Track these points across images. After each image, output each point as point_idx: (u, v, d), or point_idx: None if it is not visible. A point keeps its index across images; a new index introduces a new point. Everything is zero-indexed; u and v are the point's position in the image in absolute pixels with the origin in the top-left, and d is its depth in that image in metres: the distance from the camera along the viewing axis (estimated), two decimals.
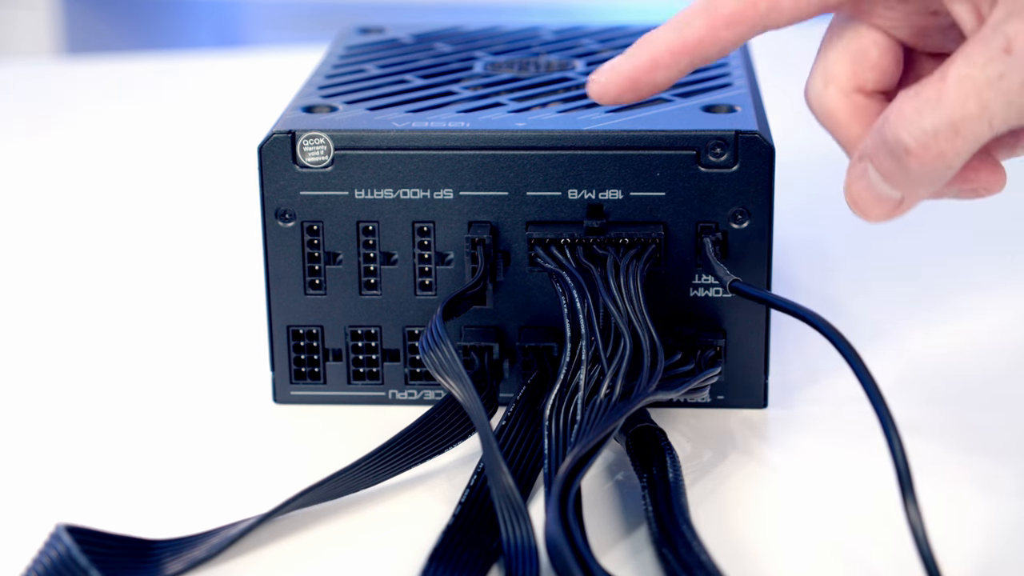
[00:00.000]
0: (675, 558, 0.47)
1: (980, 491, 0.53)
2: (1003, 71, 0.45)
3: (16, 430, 0.59)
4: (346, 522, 0.51)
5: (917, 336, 0.66)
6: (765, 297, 0.53)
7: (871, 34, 0.51)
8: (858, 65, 0.51)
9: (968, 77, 0.46)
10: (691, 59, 0.51)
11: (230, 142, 0.97)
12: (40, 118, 1.05)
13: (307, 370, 0.59)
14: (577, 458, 0.48)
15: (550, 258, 0.56)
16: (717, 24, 0.50)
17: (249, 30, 2.26)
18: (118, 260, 0.78)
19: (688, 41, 0.50)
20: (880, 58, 0.51)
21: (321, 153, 0.57)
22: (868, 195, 0.49)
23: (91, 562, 0.46)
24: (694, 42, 0.50)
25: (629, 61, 0.51)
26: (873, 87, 0.51)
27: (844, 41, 0.51)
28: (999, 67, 0.45)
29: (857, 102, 0.51)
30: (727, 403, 0.59)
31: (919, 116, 0.46)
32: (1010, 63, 0.45)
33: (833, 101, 0.51)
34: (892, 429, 0.46)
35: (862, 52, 0.51)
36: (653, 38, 0.51)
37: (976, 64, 0.46)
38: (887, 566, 0.48)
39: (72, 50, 1.97)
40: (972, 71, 0.46)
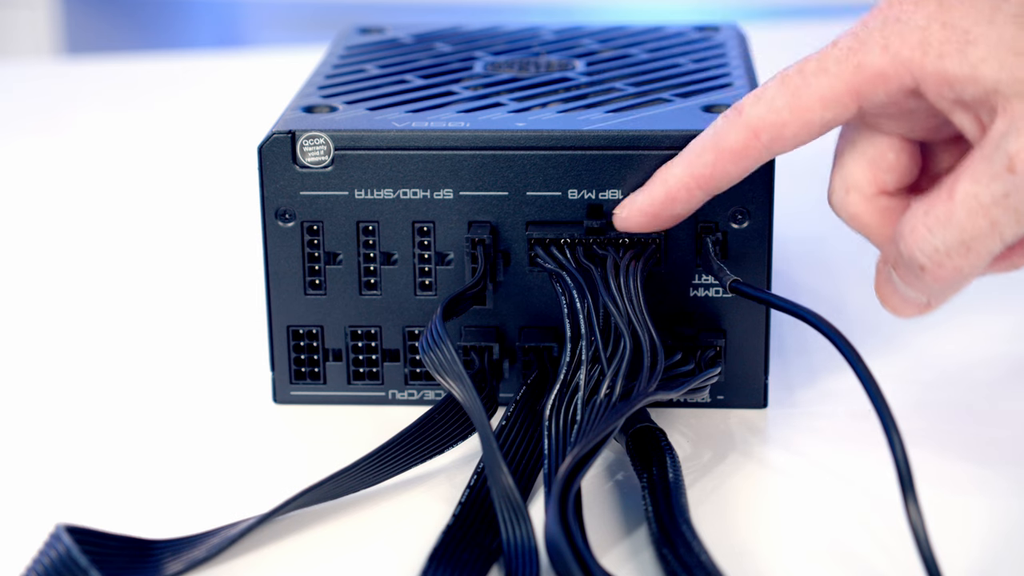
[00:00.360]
0: (675, 558, 0.47)
1: (981, 491, 0.53)
2: (1008, 190, 0.46)
3: (16, 430, 0.59)
4: (346, 522, 0.51)
5: (917, 336, 0.66)
6: (765, 297, 0.53)
7: (885, 139, 0.51)
8: (877, 169, 0.51)
9: (974, 196, 0.46)
10: (703, 192, 0.53)
11: (230, 142, 0.97)
12: (40, 118, 1.05)
13: (307, 370, 0.59)
14: (577, 458, 0.48)
15: (550, 258, 0.56)
16: (724, 159, 0.52)
17: (249, 30, 2.26)
18: (118, 260, 0.78)
19: (699, 177, 0.52)
20: (897, 160, 0.51)
21: (321, 153, 0.57)
22: (895, 297, 0.50)
23: (91, 562, 0.46)
24: (704, 178, 0.52)
25: (647, 198, 0.54)
26: (895, 187, 0.51)
27: (859, 148, 0.51)
28: (1004, 186, 0.46)
29: (881, 204, 0.51)
30: (727, 403, 0.59)
31: (931, 235, 0.47)
32: (1015, 181, 0.46)
33: (856, 207, 0.52)
34: (893, 429, 0.46)
35: (879, 156, 0.51)
36: (667, 175, 0.53)
37: (981, 182, 0.46)
38: (887, 566, 0.48)
39: (72, 50, 1.97)
40: (978, 189, 0.46)
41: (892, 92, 0.48)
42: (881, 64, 0.48)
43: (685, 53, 0.67)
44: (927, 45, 0.47)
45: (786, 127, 0.50)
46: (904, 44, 0.48)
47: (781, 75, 0.50)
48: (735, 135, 0.51)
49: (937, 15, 0.47)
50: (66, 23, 1.97)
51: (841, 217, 0.52)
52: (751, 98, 0.51)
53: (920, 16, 0.48)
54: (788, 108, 0.50)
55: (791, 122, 0.50)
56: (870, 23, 0.49)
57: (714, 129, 0.52)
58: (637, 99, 0.60)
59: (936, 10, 0.47)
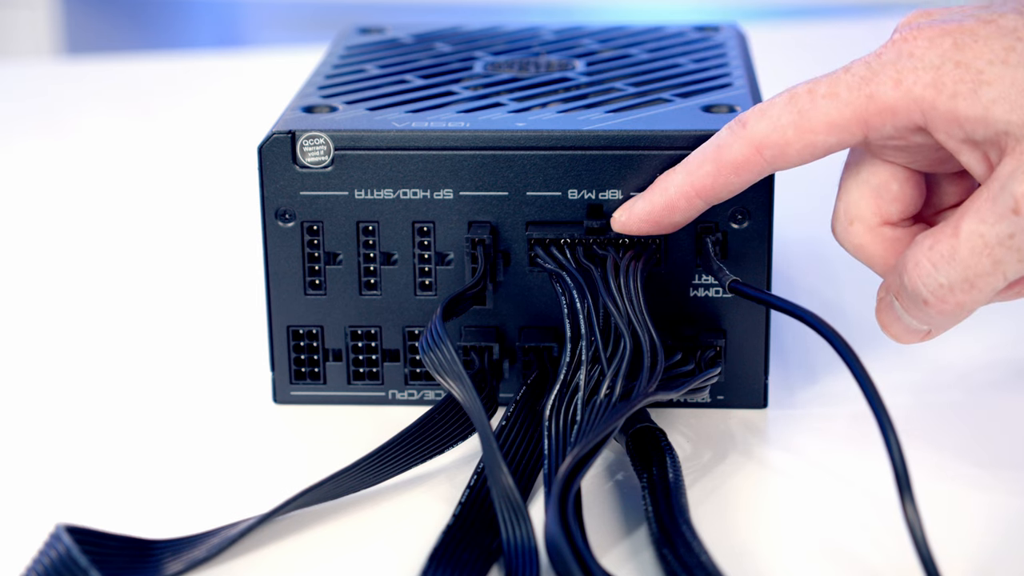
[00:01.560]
0: (675, 558, 0.47)
1: (978, 491, 0.53)
2: (1013, 231, 0.46)
3: (16, 430, 0.59)
4: (346, 522, 0.51)
5: None
6: (765, 297, 0.53)
7: (889, 168, 0.51)
8: (880, 200, 0.51)
9: (979, 235, 0.47)
10: (704, 202, 0.53)
11: (230, 142, 0.97)
12: (40, 118, 1.05)
13: (307, 370, 0.59)
14: (577, 458, 0.48)
15: (550, 258, 0.56)
16: (725, 171, 0.52)
17: (249, 30, 2.26)
18: (118, 260, 0.78)
19: (699, 187, 0.52)
20: (902, 191, 0.51)
21: (321, 153, 0.57)
22: (897, 325, 0.51)
23: (91, 562, 0.46)
24: (705, 188, 0.52)
25: (646, 205, 0.54)
26: (899, 218, 0.52)
27: (862, 177, 0.51)
28: (1009, 227, 0.46)
29: (885, 234, 0.52)
30: (727, 403, 0.59)
31: (935, 270, 0.48)
32: (1019, 223, 0.46)
33: (860, 237, 0.52)
34: (890, 429, 0.46)
35: (882, 187, 0.51)
36: (668, 183, 0.53)
37: (987, 222, 0.46)
38: (886, 566, 0.48)
39: (72, 50, 1.97)
40: (983, 228, 0.47)
41: (900, 127, 0.48)
42: (893, 98, 0.48)
43: (685, 53, 0.67)
44: (940, 84, 0.47)
45: (789, 146, 0.50)
46: (917, 81, 0.48)
47: (790, 93, 0.50)
48: (738, 149, 0.51)
49: (951, 54, 0.47)
50: (66, 23, 1.97)
51: (844, 247, 0.52)
52: (757, 112, 0.51)
53: (934, 54, 0.48)
54: (793, 127, 0.50)
55: (795, 142, 0.50)
56: (884, 55, 0.49)
57: (717, 140, 0.52)
58: (637, 99, 0.60)
59: (951, 49, 0.47)
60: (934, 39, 0.48)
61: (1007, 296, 0.51)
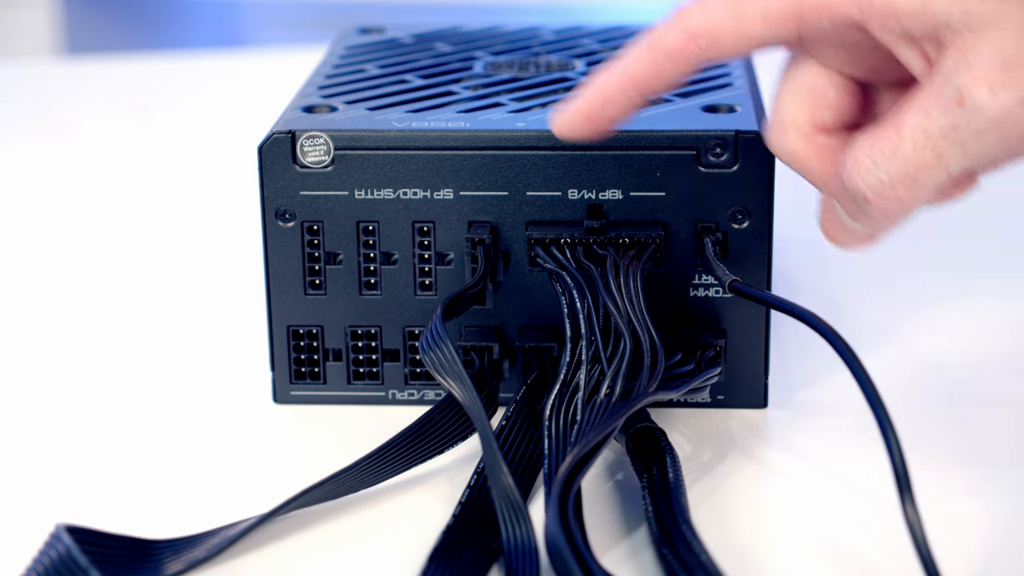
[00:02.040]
0: (675, 558, 0.47)
1: (978, 491, 0.53)
2: (957, 123, 0.46)
3: (16, 430, 0.59)
4: (346, 522, 0.51)
5: (916, 337, 0.66)
6: (764, 297, 0.53)
7: (826, 73, 0.50)
8: (815, 106, 0.51)
9: (922, 129, 0.46)
10: (639, 92, 0.51)
11: (230, 142, 0.97)
12: (40, 118, 1.05)
13: (307, 370, 0.59)
14: (577, 458, 0.48)
15: (550, 258, 0.56)
16: (660, 59, 0.50)
17: (249, 30, 2.26)
18: (118, 260, 0.78)
19: (634, 75, 0.51)
20: (836, 97, 0.51)
21: (321, 153, 0.57)
22: (839, 230, 0.50)
23: (91, 562, 0.46)
24: (639, 76, 0.51)
25: (582, 99, 0.52)
26: (833, 125, 0.51)
27: (798, 83, 0.51)
28: (953, 119, 0.46)
29: (819, 142, 0.51)
30: (727, 403, 0.59)
31: (875, 167, 0.47)
32: (963, 114, 0.45)
33: (793, 144, 0.51)
34: (890, 429, 0.46)
35: (817, 92, 0.51)
36: (601, 76, 0.52)
37: (931, 115, 0.46)
38: (886, 566, 0.48)
39: (72, 50, 1.97)
40: (927, 122, 0.46)
41: (836, 21, 0.48)
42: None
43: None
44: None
45: (724, 36, 0.49)
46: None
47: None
48: (673, 37, 0.50)
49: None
50: (66, 23, 1.97)
51: (779, 156, 0.51)
52: (693, 2, 0.50)
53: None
54: (729, 17, 0.49)
55: (730, 32, 0.49)
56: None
57: (652, 32, 0.51)
58: None
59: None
60: None
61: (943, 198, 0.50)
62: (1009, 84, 0.45)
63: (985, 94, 0.45)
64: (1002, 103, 0.45)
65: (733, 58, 0.50)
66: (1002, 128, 0.45)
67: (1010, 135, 0.45)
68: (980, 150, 0.46)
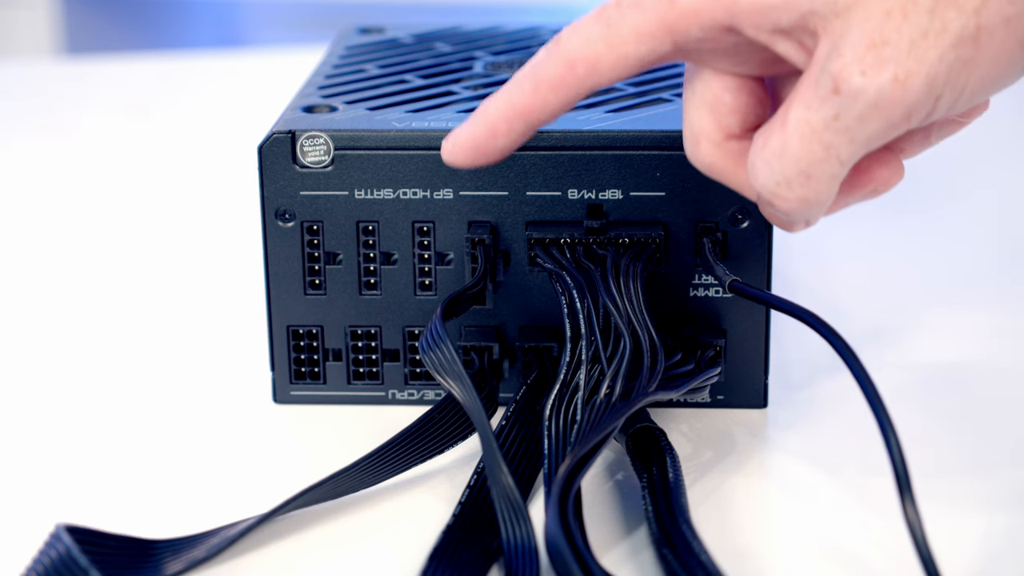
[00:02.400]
0: (675, 558, 0.47)
1: (978, 491, 0.53)
2: (837, 111, 0.45)
3: (16, 430, 0.59)
4: (346, 522, 0.51)
5: (916, 337, 0.66)
6: (764, 297, 0.53)
7: (720, 79, 0.50)
8: (718, 114, 0.50)
9: (806, 122, 0.46)
10: (526, 124, 0.51)
11: (230, 142, 0.97)
12: (40, 118, 1.06)
13: (307, 370, 0.59)
14: (577, 458, 0.48)
15: (550, 258, 0.56)
16: (542, 89, 0.50)
17: (249, 30, 2.26)
18: (118, 260, 0.78)
19: (518, 108, 0.51)
20: (736, 101, 0.50)
21: (321, 153, 0.57)
22: (774, 220, 0.50)
23: (91, 562, 0.46)
24: (524, 109, 0.50)
25: (469, 130, 0.52)
26: (741, 129, 0.50)
27: (697, 94, 0.50)
28: (833, 108, 0.45)
29: (731, 148, 0.50)
30: (727, 403, 0.59)
31: (769, 169, 0.47)
32: (841, 102, 0.45)
33: (708, 156, 0.50)
34: (890, 429, 0.46)
35: (716, 100, 0.50)
36: (489, 107, 0.51)
37: (812, 107, 0.46)
38: (886, 566, 0.48)
39: (72, 50, 1.97)
40: (808, 115, 0.46)
41: (706, 27, 0.47)
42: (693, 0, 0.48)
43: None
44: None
45: (601, 60, 0.49)
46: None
47: (600, 7, 0.49)
48: (552, 67, 0.50)
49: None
50: (66, 23, 1.97)
51: (698, 168, 0.51)
52: (569, 30, 0.50)
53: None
54: (603, 40, 0.49)
55: (606, 55, 0.49)
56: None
57: (534, 61, 0.51)
58: (637, 99, 0.60)
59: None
60: None
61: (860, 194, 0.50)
62: (879, 65, 0.44)
63: (857, 78, 0.45)
64: (876, 85, 0.44)
65: (617, 81, 0.50)
66: (882, 109, 0.45)
67: (893, 114, 0.45)
68: (867, 135, 0.46)
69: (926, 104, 0.45)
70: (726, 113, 0.50)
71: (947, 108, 0.46)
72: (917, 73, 0.44)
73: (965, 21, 0.44)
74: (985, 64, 0.45)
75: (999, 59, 0.45)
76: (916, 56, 0.44)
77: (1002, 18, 0.44)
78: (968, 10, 0.44)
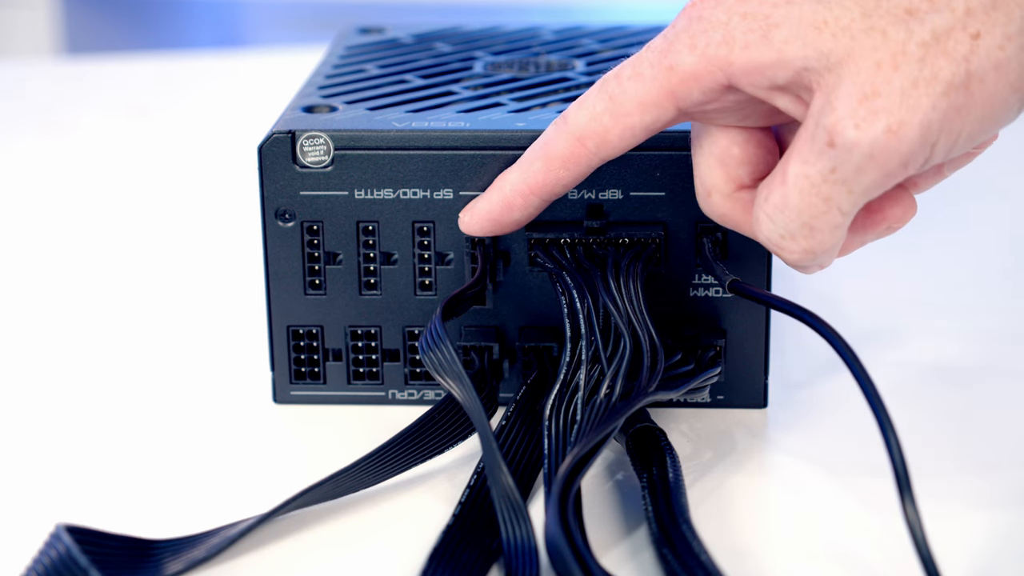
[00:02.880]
0: (675, 558, 0.47)
1: (978, 491, 0.53)
2: (834, 164, 0.46)
3: (16, 430, 0.59)
4: (346, 522, 0.51)
5: (916, 337, 0.66)
6: (764, 297, 0.53)
7: (727, 134, 0.51)
8: (727, 167, 0.51)
9: (804, 176, 0.47)
10: (540, 199, 0.53)
11: (230, 142, 0.97)
12: (40, 118, 1.06)
13: (307, 370, 0.59)
14: (577, 458, 0.48)
15: (550, 258, 0.56)
16: (554, 166, 0.52)
17: (249, 30, 2.26)
18: (118, 260, 0.78)
19: (533, 184, 0.53)
20: (745, 153, 0.51)
21: (321, 153, 0.57)
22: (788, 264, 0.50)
23: (91, 562, 0.46)
24: (538, 185, 0.53)
25: (486, 204, 0.54)
26: (752, 179, 0.51)
27: (705, 148, 0.51)
28: (829, 161, 0.46)
29: (743, 198, 0.51)
30: (727, 403, 0.59)
31: (772, 222, 0.48)
32: (837, 155, 0.46)
33: (720, 207, 0.51)
34: (889, 429, 0.46)
35: (724, 154, 0.51)
36: (504, 183, 0.54)
37: (809, 161, 0.46)
38: (886, 566, 0.48)
39: (72, 50, 1.97)
40: (806, 169, 0.46)
41: (707, 90, 0.48)
42: (691, 63, 0.48)
43: None
44: (731, 39, 0.47)
45: (609, 133, 0.50)
46: (710, 42, 0.48)
47: (601, 80, 0.51)
48: (562, 144, 0.51)
49: (736, 7, 0.47)
50: (66, 23, 1.97)
51: (712, 219, 0.52)
52: (575, 106, 0.51)
53: (720, 12, 0.48)
54: (608, 114, 0.50)
55: (613, 128, 0.50)
56: (678, 24, 0.49)
57: (544, 138, 0.52)
58: None
59: (735, 3, 0.48)
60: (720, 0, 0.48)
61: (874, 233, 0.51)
62: (872, 117, 0.45)
63: (851, 131, 0.45)
64: (870, 137, 0.45)
65: (627, 150, 0.51)
66: (877, 160, 0.45)
67: (889, 164, 0.45)
68: (864, 185, 0.46)
69: (922, 152, 0.45)
70: (735, 165, 0.51)
71: (944, 153, 0.46)
72: (910, 123, 0.45)
73: (955, 69, 0.44)
74: (978, 109, 0.45)
75: (992, 103, 0.45)
76: (908, 106, 0.45)
77: (992, 63, 0.45)
78: (957, 58, 0.45)
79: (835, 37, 0.45)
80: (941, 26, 0.45)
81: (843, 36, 0.45)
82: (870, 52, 0.45)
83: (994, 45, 0.45)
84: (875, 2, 0.46)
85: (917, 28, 0.45)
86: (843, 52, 0.45)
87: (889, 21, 0.45)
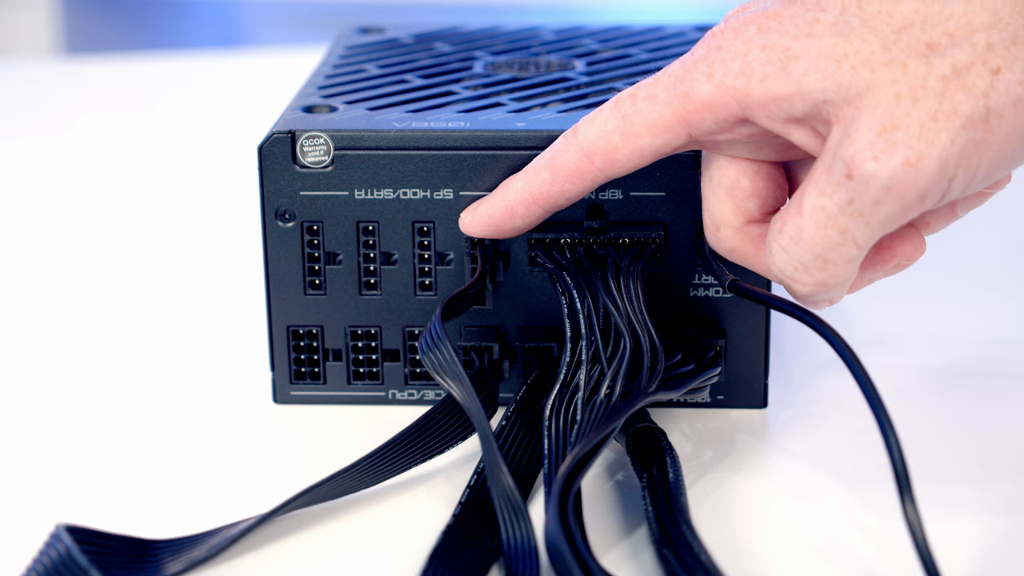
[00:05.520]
0: (675, 558, 0.47)
1: (978, 491, 0.53)
2: (851, 196, 0.46)
3: (16, 430, 0.59)
4: (346, 522, 0.51)
5: (916, 337, 0.66)
6: (764, 297, 0.53)
7: (737, 166, 0.51)
8: (736, 200, 0.51)
9: (820, 208, 0.47)
10: (543, 209, 0.54)
11: (230, 142, 0.97)
12: (40, 118, 1.06)
13: (307, 370, 0.59)
14: (577, 458, 0.48)
15: (550, 258, 0.56)
16: (560, 179, 0.52)
17: (249, 30, 2.26)
18: (118, 260, 0.78)
19: (536, 194, 0.53)
20: (755, 185, 0.51)
21: (321, 153, 0.57)
22: (797, 299, 0.50)
23: (91, 562, 0.46)
24: (542, 195, 0.53)
25: (488, 208, 0.55)
26: (761, 213, 0.51)
27: (714, 181, 0.51)
28: (847, 193, 0.46)
29: (752, 232, 0.51)
30: (727, 403, 0.59)
31: (787, 255, 0.48)
32: (855, 187, 0.46)
33: (730, 241, 0.52)
34: (889, 430, 0.46)
35: (734, 187, 0.51)
36: (508, 189, 0.54)
37: (826, 193, 0.46)
38: (886, 566, 0.48)
39: (72, 50, 1.97)
40: (823, 200, 0.46)
41: (720, 120, 0.48)
42: (707, 92, 0.48)
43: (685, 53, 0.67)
44: (750, 71, 0.47)
45: (617, 151, 0.50)
46: (728, 72, 0.48)
47: (616, 98, 0.51)
48: (570, 157, 0.52)
49: (756, 39, 0.47)
50: (66, 23, 1.97)
51: (721, 253, 0.52)
52: (586, 121, 0.51)
53: (740, 43, 0.48)
54: (619, 133, 0.50)
55: (622, 147, 0.50)
56: (696, 53, 0.49)
57: (553, 149, 0.52)
58: None
59: (755, 34, 0.48)
60: (739, 29, 0.48)
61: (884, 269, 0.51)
62: (890, 149, 0.45)
63: (870, 163, 0.45)
64: (888, 169, 0.45)
65: (633, 171, 0.51)
66: (895, 193, 0.45)
67: (906, 197, 0.45)
68: (881, 218, 0.46)
69: (939, 186, 0.45)
70: (745, 198, 0.51)
71: (962, 189, 0.46)
72: (928, 156, 0.45)
73: (974, 103, 0.45)
74: (996, 144, 0.45)
75: (1010, 139, 0.45)
76: (927, 139, 0.45)
77: (1011, 99, 0.45)
78: (977, 92, 0.45)
79: (855, 70, 0.45)
80: (961, 61, 0.45)
81: (863, 69, 0.45)
82: (890, 85, 0.45)
83: (1014, 80, 0.45)
84: (895, 36, 0.46)
85: (937, 62, 0.45)
86: (863, 85, 0.45)
87: (910, 55, 0.45)
